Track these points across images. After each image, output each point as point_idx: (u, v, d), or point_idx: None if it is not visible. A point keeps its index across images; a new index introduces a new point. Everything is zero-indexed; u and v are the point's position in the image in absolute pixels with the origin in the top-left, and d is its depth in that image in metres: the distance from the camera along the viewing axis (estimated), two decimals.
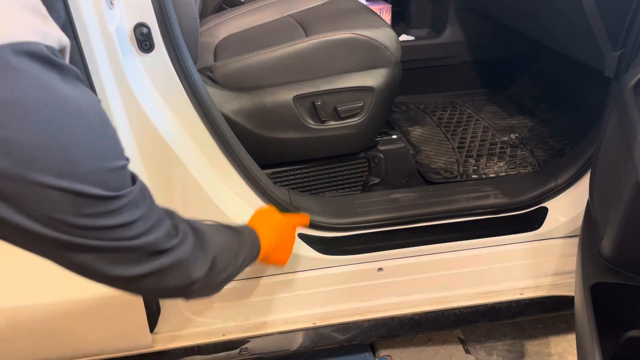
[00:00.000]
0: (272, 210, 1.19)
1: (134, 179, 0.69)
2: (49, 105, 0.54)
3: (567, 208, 1.38)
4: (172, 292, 0.78)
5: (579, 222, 1.20)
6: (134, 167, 1.08)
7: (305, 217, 1.28)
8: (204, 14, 1.85)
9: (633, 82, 0.95)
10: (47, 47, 0.54)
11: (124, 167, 0.66)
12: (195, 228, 0.82)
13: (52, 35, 0.56)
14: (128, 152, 0.68)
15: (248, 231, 1.04)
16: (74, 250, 0.63)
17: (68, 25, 0.92)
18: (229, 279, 0.92)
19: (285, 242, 1.17)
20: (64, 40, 0.57)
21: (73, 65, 0.61)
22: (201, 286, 0.80)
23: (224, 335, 1.37)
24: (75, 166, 0.57)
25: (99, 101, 0.63)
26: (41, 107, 0.53)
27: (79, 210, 0.59)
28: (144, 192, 0.70)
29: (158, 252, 0.70)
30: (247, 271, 1.31)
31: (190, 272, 0.76)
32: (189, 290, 0.79)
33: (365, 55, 1.38)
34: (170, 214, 0.77)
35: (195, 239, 0.79)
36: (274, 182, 1.37)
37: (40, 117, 0.53)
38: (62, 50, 0.58)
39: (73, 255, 0.64)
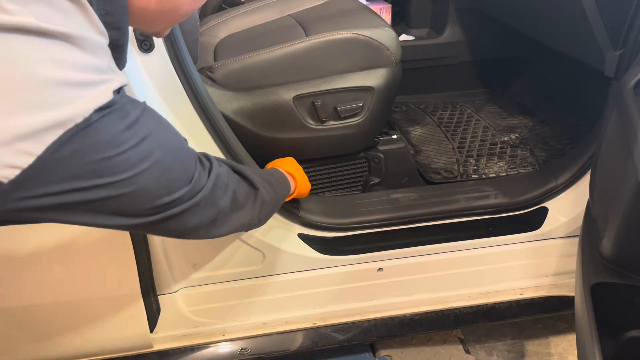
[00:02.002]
0: (278, 159, 1.27)
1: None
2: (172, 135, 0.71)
3: (567, 208, 1.38)
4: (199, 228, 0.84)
5: (579, 222, 1.20)
6: None
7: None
8: (204, 14, 1.85)
9: (633, 82, 0.95)
10: (115, 91, 0.62)
11: (190, 150, 0.79)
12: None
13: (122, 81, 0.64)
14: None
15: (275, 171, 1.15)
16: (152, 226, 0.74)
17: None
18: (273, 207, 1.07)
19: (302, 176, 1.26)
20: (125, 80, 0.65)
21: None
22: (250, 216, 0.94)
23: (224, 335, 1.37)
24: (162, 165, 0.69)
25: (144, 104, 0.71)
26: (125, 135, 0.63)
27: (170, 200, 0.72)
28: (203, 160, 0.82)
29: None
30: (248, 271, 1.32)
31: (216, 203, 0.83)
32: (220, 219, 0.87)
33: (365, 55, 1.38)
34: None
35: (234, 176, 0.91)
36: None
37: (129, 142, 0.63)
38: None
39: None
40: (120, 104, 0.62)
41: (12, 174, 0.54)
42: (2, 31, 0.53)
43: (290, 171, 1.21)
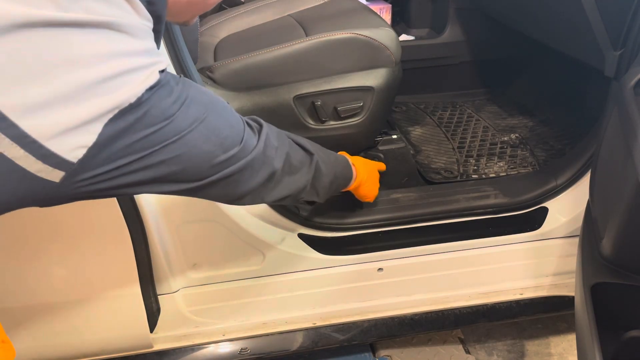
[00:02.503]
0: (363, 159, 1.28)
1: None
2: (176, 104, 0.70)
3: (567, 208, 1.38)
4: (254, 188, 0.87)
5: (579, 222, 1.20)
6: None
7: (382, 164, 1.39)
8: (204, 14, 1.85)
9: (633, 82, 0.95)
10: (161, 71, 0.67)
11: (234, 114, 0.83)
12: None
13: (162, 61, 0.69)
14: None
15: (339, 155, 1.16)
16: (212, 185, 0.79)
17: None
18: (331, 182, 1.07)
19: (373, 178, 1.28)
20: (167, 60, 0.73)
21: None
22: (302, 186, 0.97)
23: (224, 335, 1.37)
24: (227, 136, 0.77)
25: (189, 82, 0.76)
26: (172, 109, 0.68)
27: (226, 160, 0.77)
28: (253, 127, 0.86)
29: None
30: (248, 271, 1.32)
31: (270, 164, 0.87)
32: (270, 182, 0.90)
33: (365, 55, 1.38)
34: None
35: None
36: None
37: (177, 113, 0.69)
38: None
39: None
40: (165, 81, 0.67)
41: (80, 153, 0.60)
42: (58, 26, 0.57)
43: (356, 163, 1.22)
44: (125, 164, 0.65)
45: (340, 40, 1.36)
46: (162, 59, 0.68)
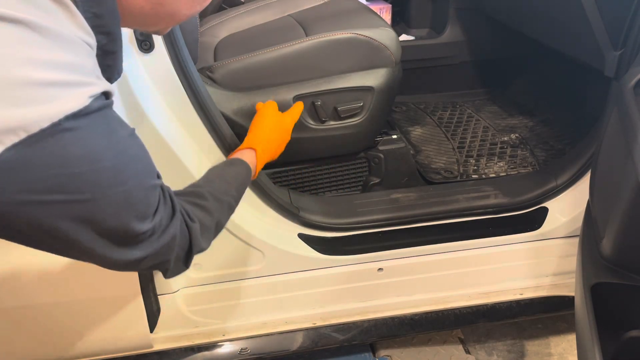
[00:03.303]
0: (270, 110, 1.17)
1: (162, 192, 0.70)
2: (110, 151, 0.58)
3: (567, 208, 1.38)
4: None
5: (579, 222, 1.19)
6: None
7: (299, 107, 1.24)
8: (204, 14, 1.85)
9: (633, 82, 0.95)
10: (96, 98, 0.56)
11: (158, 180, 0.69)
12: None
13: (104, 88, 0.58)
14: None
15: (243, 168, 1.01)
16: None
17: None
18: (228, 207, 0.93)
19: (283, 141, 1.16)
20: (111, 89, 0.59)
21: None
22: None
23: (224, 335, 1.37)
24: (132, 195, 0.61)
25: (134, 129, 0.65)
26: (106, 154, 0.57)
27: (124, 235, 0.63)
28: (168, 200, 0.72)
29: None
30: (248, 271, 1.32)
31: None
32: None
33: (365, 55, 1.38)
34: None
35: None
36: (274, 182, 1.37)
37: (106, 162, 0.57)
38: (111, 94, 0.60)
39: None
40: (103, 116, 0.56)
41: None
42: None
43: (252, 144, 1.07)
44: (23, 202, 0.53)
45: (340, 40, 1.36)
46: (101, 84, 0.57)
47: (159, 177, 0.69)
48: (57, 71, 0.52)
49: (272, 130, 1.13)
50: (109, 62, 0.64)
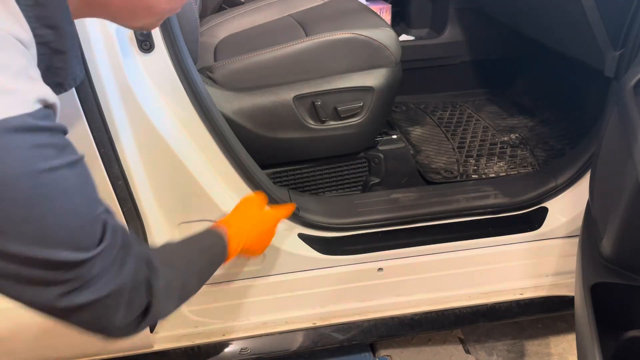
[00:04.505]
0: (257, 203, 1.14)
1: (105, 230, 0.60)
2: (29, 179, 0.48)
3: (567, 208, 1.38)
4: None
5: (579, 222, 1.19)
6: (134, 167, 1.08)
7: (290, 208, 1.24)
8: (204, 14, 1.85)
9: (633, 82, 0.95)
10: (31, 114, 0.48)
11: (97, 219, 0.59)
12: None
13: (38, 96, 0.50)
14: (128, 152, 0.67)
15: (215, 243, 0.96)
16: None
17: None
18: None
19: (264, 237, 1.13)
20: (50, 98, 0.51)
21: None
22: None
23: (224, 335, 1.38)
24: (47, 233, 0.52)
25: (82, 157, 0.56)
26: (22, 181, 0.48)
27: (50, 275, 0.57)
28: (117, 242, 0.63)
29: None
30: (248, 271, 1.32)
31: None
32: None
33: (365, 55, 1.38)
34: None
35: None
36: (274, 182, 1.37)
37: (19, 191, 0.48)
38: (50, 105, 0.52)
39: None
40: (28, 137, 0.47)
41: None
42: None
43: (234, 235, 1.00)
44: None
45: (340, 40, 1.36)
46: (37, 90, 0.48)
47: (108, 211, 0.61)
48: None
49: (250, 218, 1.08)
50: (58, 64, 0.56)
